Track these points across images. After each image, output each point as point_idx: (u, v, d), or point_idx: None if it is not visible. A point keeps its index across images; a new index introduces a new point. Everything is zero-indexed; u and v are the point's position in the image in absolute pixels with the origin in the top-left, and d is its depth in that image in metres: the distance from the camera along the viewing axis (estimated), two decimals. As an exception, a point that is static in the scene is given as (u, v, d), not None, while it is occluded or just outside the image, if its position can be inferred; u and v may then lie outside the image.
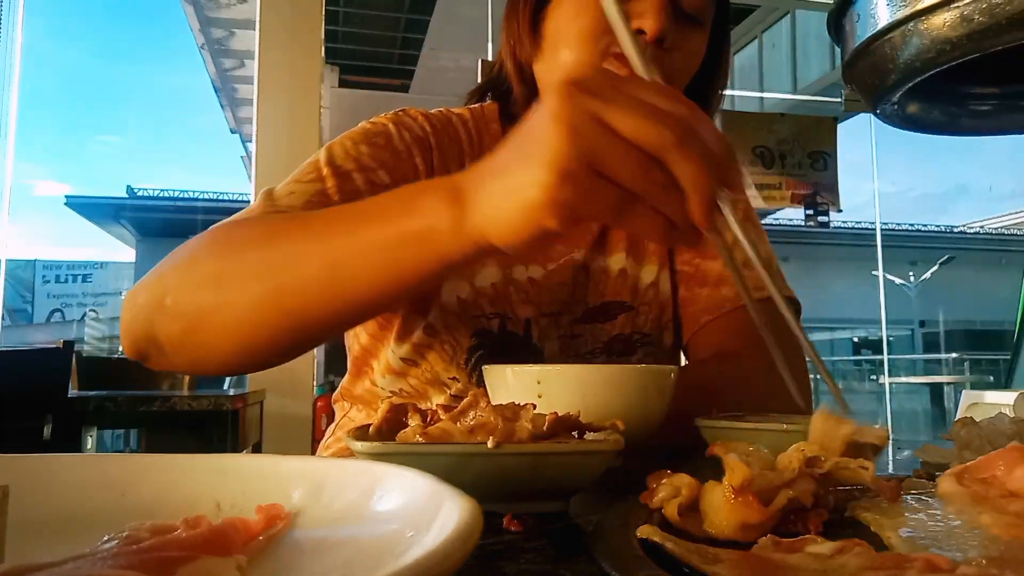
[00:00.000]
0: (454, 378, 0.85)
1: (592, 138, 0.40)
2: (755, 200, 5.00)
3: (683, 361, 0.97)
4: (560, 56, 0.81)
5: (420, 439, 0.45)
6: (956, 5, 0.47)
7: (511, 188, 0.43)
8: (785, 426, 0.59)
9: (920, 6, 0.49)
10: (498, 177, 0.45)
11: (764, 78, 7.97)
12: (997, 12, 0.45)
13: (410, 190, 0.52)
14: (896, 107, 0.61)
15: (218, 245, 0.62)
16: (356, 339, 0.92)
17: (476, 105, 0.95)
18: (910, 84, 0.55)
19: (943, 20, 0.48)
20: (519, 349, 0.86)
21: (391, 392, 0.88)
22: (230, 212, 0.71)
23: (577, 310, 0.88)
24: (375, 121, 0.86)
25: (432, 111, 0.90)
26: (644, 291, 0.91)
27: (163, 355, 0.63)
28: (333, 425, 0.97)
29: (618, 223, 0.43)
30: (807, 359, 0.52)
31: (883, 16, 0.52)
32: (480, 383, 0.69)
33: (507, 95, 0.91)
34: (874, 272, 8.06)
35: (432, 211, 0.48)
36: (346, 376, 0.97)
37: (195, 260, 0.62)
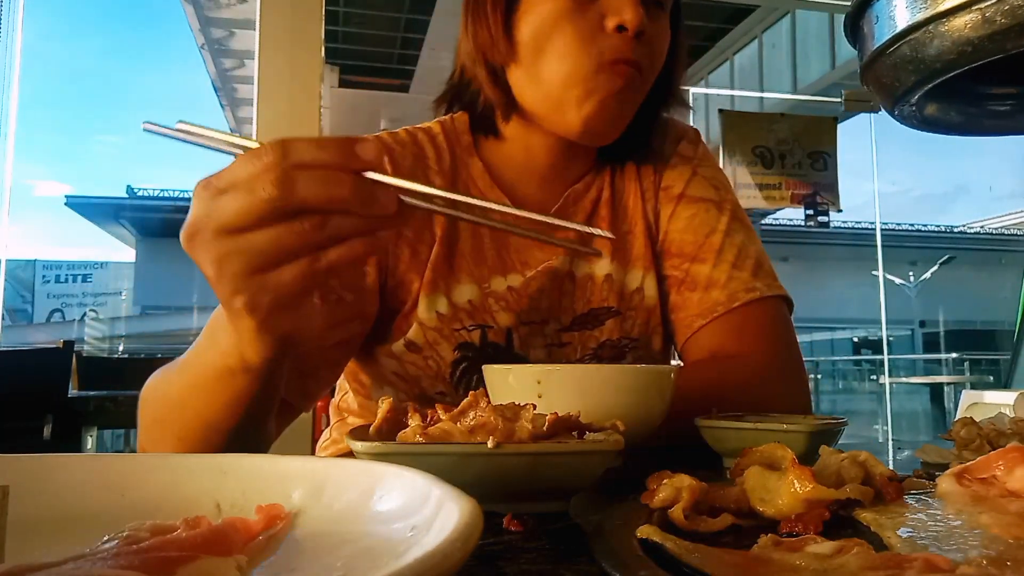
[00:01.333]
0: (441, 392, 0.84)
1: (230, 254, 0.44)
2: (755, 200, 5.00)
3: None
4: (552, 67, 0.78)
5: (420, 439, 0.45)
6: (978, 7, 0.46)
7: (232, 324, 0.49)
8: (785, 426, 0.59)
9: (941, 8, 0.48)
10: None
11: (764, 78, 7.98)
12: (1019, 14, 0.45)
13: (222, 321, 0.55)
14: (914, 108, 0.60)
15: (146, 397, 0.67)
16: None
17: (446, 117, 0.92)
18: (930, 86, 0.54)
19: (964, 22, 0.47)
20: (502, 359, 0.84)
21: None
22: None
23: (564, 318, 0.88)
24: None
25: (396, 131, 0.89)
26: (630, 296, 0.90)
27: None
28: (329, 428, 0.97)
29: (330, 278, 0.45)
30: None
31: (903, 18, 0.51)
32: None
33: (474, 103, 0.88)
34: (874, 272, 8.05)
35: (225, 349, 0.53)
36: (337, 391, 0.96)
37: (142, 410, 0.68)
